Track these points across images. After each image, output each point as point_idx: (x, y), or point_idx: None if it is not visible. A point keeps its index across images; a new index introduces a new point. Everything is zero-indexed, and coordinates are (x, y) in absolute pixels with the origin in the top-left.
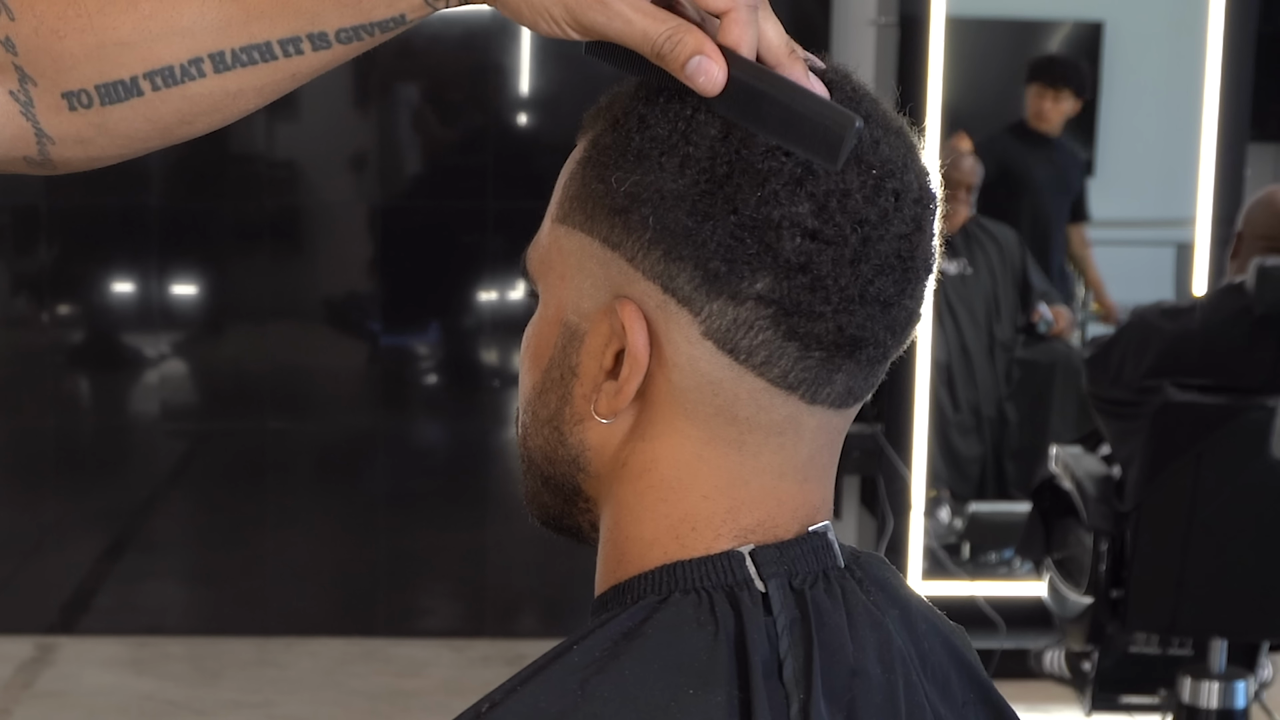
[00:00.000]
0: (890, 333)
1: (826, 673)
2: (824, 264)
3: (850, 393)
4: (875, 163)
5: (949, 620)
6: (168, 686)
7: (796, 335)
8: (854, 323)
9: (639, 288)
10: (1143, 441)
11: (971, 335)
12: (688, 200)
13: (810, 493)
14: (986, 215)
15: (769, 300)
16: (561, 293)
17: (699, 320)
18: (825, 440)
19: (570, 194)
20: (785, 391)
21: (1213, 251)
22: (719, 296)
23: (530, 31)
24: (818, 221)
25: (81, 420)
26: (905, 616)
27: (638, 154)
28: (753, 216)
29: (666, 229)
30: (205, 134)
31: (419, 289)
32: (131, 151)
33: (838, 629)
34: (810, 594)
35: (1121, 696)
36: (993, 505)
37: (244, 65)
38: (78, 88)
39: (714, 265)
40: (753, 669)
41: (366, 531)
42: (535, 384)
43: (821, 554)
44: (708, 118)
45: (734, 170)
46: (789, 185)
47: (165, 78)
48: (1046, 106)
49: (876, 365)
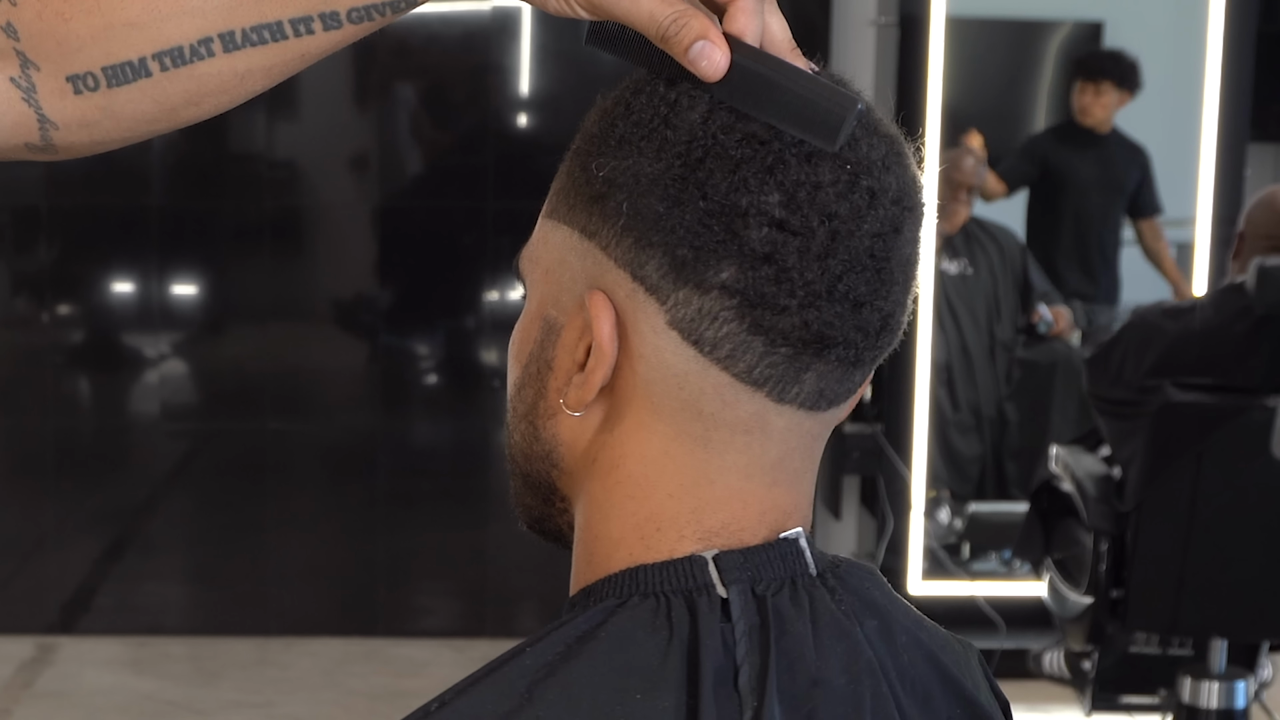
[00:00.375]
0: (862, 334)
1: (786, 682)
2: (789, 255)
3: (822, 395)
4: (852, 159)
5: (945, 634)
6: (168, 686)
7: (761, 329)
8: (820, 319)
9: (610, 277)
10: (1143, 441)
11: (972, 335)
12: (661, 185)
13: (779, 497)
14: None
15: (734, 290)
16: (544, 287)
17: (665, 310)
18: (797, 443)
19: (556, 188)
20: (751, 388)
21: (1213, 251)
22: (685, 285)
23: (530, 31)
24: (785, 212)
25: (81, 420)
26: (884, 628)
27: (619, 140)
28: (721, 203)
29: (639, 214)
30: (210, 117)
31: (419, 289)
32: (136, 135)
33: (800, 637)
34: (773, 601)
35: (1121, 696)
36: (993, 505)
37: (254, 45)
38: (84, 70)
39: (681, 252)
40: (703, 675)
41: (366, 531)
42: (516, 380)
43: (790, 561)
44: (690, 103)
45: (708, 155)
46: (759, 173)
47: (174, 58)
48: (1088, 101)
49: (851, 369)
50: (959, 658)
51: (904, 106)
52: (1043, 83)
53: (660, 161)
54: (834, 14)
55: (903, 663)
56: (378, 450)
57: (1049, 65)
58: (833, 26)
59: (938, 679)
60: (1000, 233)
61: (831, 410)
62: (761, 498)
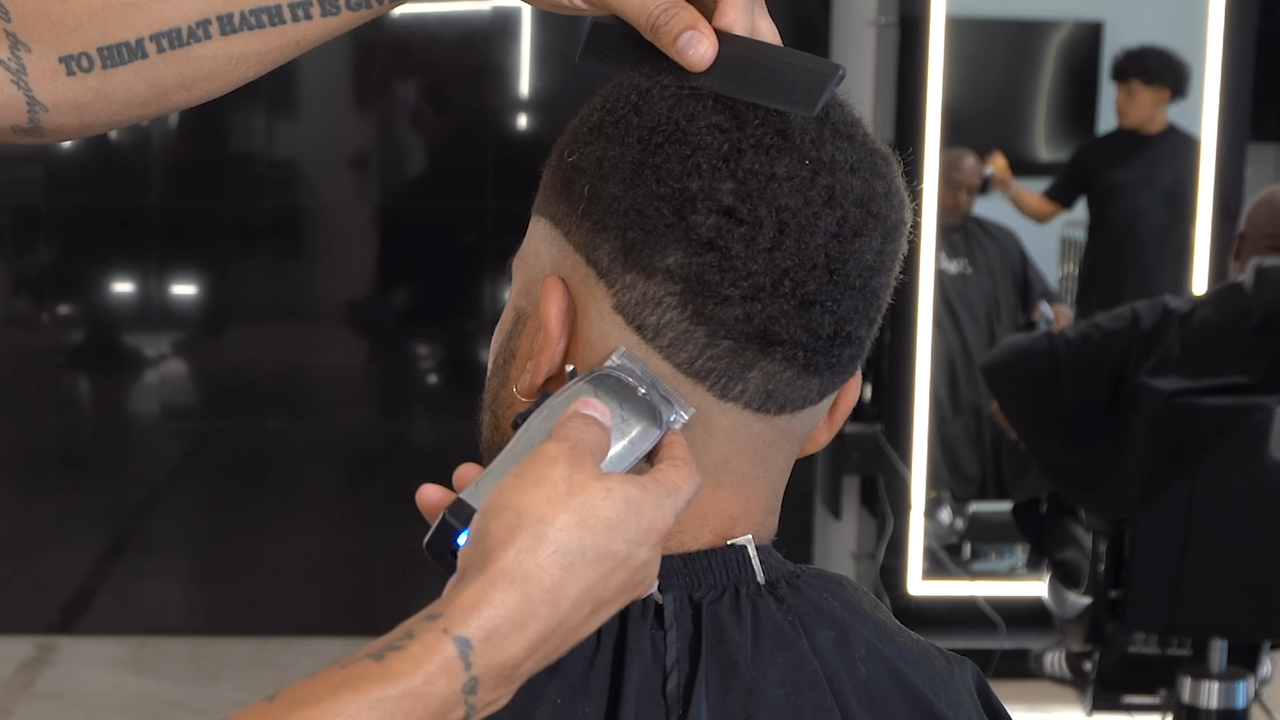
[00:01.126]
0: (811, 336)
1: (717, 691)
2: (734, 244)
3: (770, 396)
4: (812, 156)
5: (926, 649)
6: (167, 686)
7: (703, 317)
8: (763, 313)
9: (569, 262)
10: (1144, 445)
11: (972, 335)
12: (621, 168)
13: (724, 500)
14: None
15: (678, 276)
16: (520, 279)
17: (612, 293)
18: (745, 446)
19: (541, 182)
20: (692, 380)
21: (1213, 251)
22: (632, 269)
23: (530, 31)
24: (734, 200)
25: (81, 420)
26: (841, 640)
27: (592, 129)
28: (674, 187)
29: (598, 197)
30: (201, 102)
31: (419, 289)
32: (126, 118)
33: (737, 646)
34: (711, 608)
35: (1121, 696)
36: (993, 505)
37: (251, 29)
38: (78, 51)
39: (631, 235)
40: (627, 682)
41: (366, 531)
42: (488, 372)
43: (735, 568)
44: (661, 92)
45: (668, 140)
46: (714, 160)
47: (172, 39)
48: (1121, 102)
49: (805, 373)
50: (936, 673)
51: (904, 106)
52: (1043, 83)
53: (623, 145)
54: (834, 14)
55: (860, 675)
56: (378, 450)
57: (1049, 65)
58: (833, 26)
59: (900, 693)
60: (999, 232)
61: (786, 416)
62: (704, 499)
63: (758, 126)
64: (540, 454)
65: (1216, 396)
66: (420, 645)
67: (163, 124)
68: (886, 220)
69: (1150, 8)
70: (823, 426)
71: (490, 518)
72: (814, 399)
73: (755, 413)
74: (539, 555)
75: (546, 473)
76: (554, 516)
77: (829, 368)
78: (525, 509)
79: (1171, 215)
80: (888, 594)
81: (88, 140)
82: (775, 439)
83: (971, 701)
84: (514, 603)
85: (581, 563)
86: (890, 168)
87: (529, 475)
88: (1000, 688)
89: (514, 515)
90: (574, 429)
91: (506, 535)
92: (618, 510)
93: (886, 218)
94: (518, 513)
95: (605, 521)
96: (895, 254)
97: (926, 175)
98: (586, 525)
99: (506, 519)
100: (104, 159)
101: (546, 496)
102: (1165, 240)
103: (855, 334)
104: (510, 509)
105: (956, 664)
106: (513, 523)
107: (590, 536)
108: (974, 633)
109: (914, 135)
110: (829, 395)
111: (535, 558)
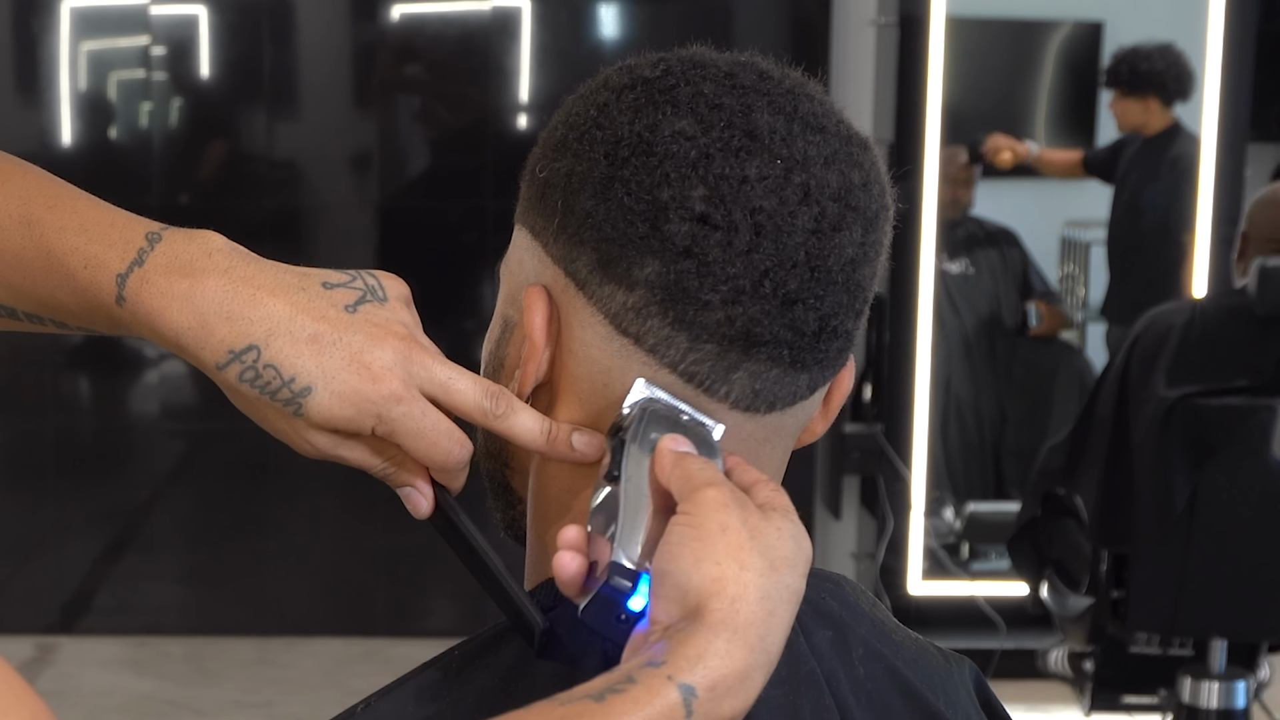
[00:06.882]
0: (795, 334)
1: None
2: (711, 249)
3: (759, 395)
4: (784, 154)
5: (925, 647)
6: (167, 686)
7: (684, 323)
8: (745, 315)
9: (549, 273)
10: (1152, 450)
11: (972, 335)
12: (590, 183)
13: None
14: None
15: (656, 286)
16: (506, 287)
17: (593, 304)
18: (737, 446)
19: (520, 193)
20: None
21: (1213, 251)
22: (610, 281)
23: (530, 31)
24: (707, 206)
25: (81, 420)
26: (839, 640)
27: (558, 143)
28: (645, 199)
29: (571, 212)
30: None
31: (419, 289)
32: None
33: None
34: None
35: (1121, 696)
36: (993, 505)
37: None
38: None
39: (606, 248)
40: None
41: (366, 531)
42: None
43: None
44: (620, 104)
45: (634, 153)
46: (682, 168)
47: None
48: (1115, 110)
49: (792, 370)
50: (934, 672)
51: (904, 106)
52: (1043, 83)
53: (590, 160)
54: (834, 14)
55: (858, 675)
56: None
57: (1049, 65)
58: (833, 26)
59: (898, 692)
60: (1000, 233)
61: (777, 414)
62: None
63: (724, 129)
64: (707, 501)
65: (1218, 397)
66: (643, 690)
67: (163, 124)
68: (866, 211)
69: (1150, 8)
70: (818, 417)
71: (688, 571)
72: (804, 394)
73: (744, 412)
74: (750, 603)
75: (726, 520)
76: (749, 562)
77: (816, 363)
78: (722, 558)
79: (1171, 215)
80: (888, 594)
81: (88, 140)
82: (768, 437)
83: (970, 700)
84: (739, 654)
85: (780, 605)
86: (868, 155)
87: (709, 524)
88: (1000, 688)
89: (713, 565)
90: (703, 469)
91: (714, 586)
92: (789, 546)
93: (866, 209)
94: (716, 562)
95: (786, 560)
96: (878, 244)
97: (926, 175)
98: (775, 567)
99: (707, 570)
100: (104, 159)
101: (737, 544)
102: (1165, 240)
103: (841, 328)
104: (708, 560)
105: (955, 663)
106: (715, 573)
107: (779, 577)
108: (974, 633)
109: (914, 135)
110: (820, 388)
111: (748, 605)
